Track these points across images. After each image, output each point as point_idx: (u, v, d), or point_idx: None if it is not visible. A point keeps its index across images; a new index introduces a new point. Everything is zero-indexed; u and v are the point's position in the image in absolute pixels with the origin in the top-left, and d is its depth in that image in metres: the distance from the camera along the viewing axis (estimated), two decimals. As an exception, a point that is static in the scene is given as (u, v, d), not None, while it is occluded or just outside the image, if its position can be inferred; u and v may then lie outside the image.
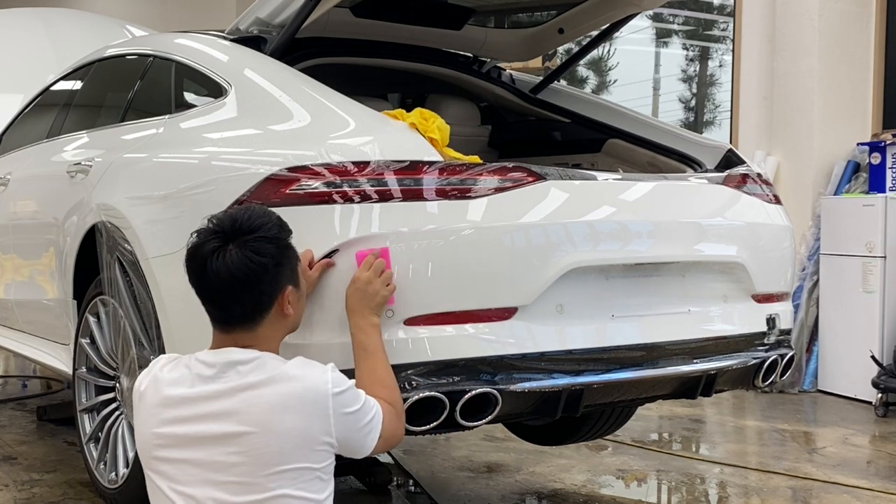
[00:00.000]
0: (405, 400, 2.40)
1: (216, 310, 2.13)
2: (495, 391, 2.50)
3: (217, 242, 2.10)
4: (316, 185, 2.50)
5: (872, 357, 5.71)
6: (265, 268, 2.10)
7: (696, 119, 9.57)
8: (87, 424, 3.43)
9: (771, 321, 3.10)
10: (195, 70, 3.30)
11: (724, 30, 9.05)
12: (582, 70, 10.14)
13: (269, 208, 2.24)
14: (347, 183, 2.49)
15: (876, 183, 6.15)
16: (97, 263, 3.24)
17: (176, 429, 2.07)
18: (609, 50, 9.96)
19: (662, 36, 10.01)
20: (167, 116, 3.32)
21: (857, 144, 6.41)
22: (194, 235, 2.16)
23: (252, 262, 2.08)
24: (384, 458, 4.21)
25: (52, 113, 4.54)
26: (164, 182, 2.99)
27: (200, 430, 2.05)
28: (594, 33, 4.03)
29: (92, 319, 3.36)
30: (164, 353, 2.75)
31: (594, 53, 9.06)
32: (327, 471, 2.11)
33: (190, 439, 2.05)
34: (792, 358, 3.17)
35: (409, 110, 2.78)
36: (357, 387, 2.23)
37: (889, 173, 6.10)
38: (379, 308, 2.39)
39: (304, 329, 2.40)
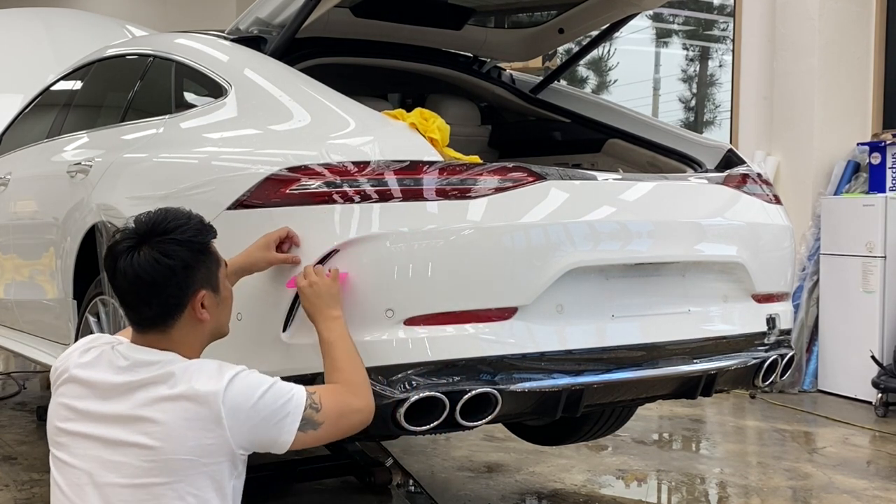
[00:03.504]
0: (405, 400, 2.40)
1: (128, 310, 2.09)
2: (495, 391, 2.50)
3: (131, 242, 2.06)
4: (316, 185, 2.50)
5: (872, 357, 5.71)
6: (172, 270, 2.04)
7: (696, 119, 9.57)
8: (87, 424, 3.42)
9: (771, 321, 3.10)
10: (195, 70, 3.30)
11: (724, 30, 9.05)
12: (582, 70, 10.13)
13: (194, 211, 2.18)
14: (347, 183, 2.49)
15: (876, 183, 6.15)
16: (97, 263, 3.24)
17: (78, 403, 2.05)
18: (609, 50, 9.96)
19: (662, 36, 10.01)
20: (167, 116, 3.32)
21: (857, 144, 6.41)
22: (116, 234, 2.14)
23: (158, 265, 2.03)
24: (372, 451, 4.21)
25: (52, 113, 4.54)
26: (164, 182, 2.99)
27: (105, 411, 2.02)
28: (594, 33, 4.03)
29: (92, 319, 3.36)
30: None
31: (594, 53, 9.05)
32: (224, 474, 2.03)
33: (93, 417, 2.03)
34: (792, 358, 3.17)
35: (409, 110, 2.78)
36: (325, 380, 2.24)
37: (889, 173, 6.10)
38: (333, 300, 2.37)
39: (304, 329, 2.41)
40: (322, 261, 2.46)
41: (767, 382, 3.11)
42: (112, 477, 1.98)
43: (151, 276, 2.04)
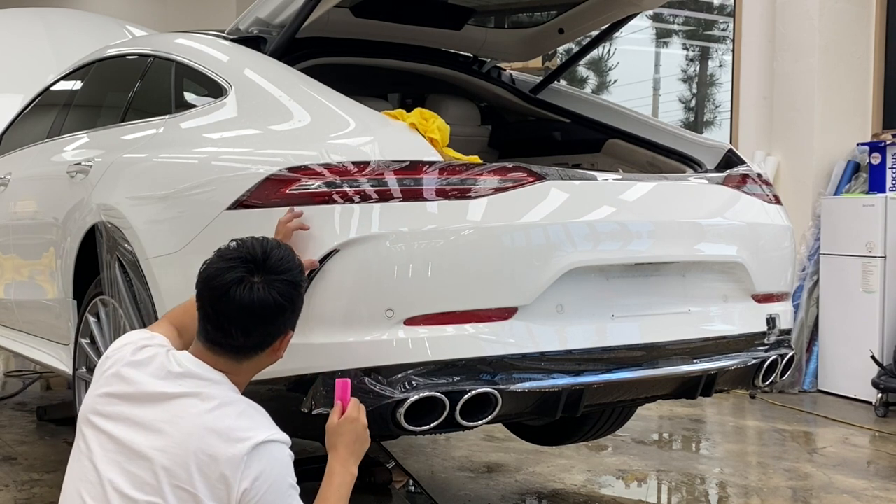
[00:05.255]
0: (405, 400, 2.41)
1: (219, 334, 2.08)
2: (495, 391, 2.50)
3: (244, 272, 2.06)
4: (316, 185, 2.50)
5: (872, 357, 5.71)
6: (284, 310, 2.09)
7: (696, 119, 9.57)
8: (87, 424, 3.42)
9: (771, 321, 3.10)
10: (195, 70, 3.30)
11: (724, 30, 9.05)
12: (582, 70, 10.13)
13: (293, 250, 2.22)
14: (347, 183, 2.49)
15: (876, 183, 6.15)
16: (97, 263, 3.24)
17: (116, 402, 2.04)
18: (609, 50, 9.96)
19: (662, 36, 10.01)
20: (167, 116, 3.32)
21: (857, 144, 6.41)
22: (216, 254, 2.13)
23: (275, 304, 2.06)
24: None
25: (52, 113, 4.54)
26: (164, 182, 2.99)
27: (138, 416, 2.01)
28: (594, 33, 4.03)
29: (92, 319, 3.35)
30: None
31: (594, 53, 9.06)
32: None
33: (123, 419, 2.02)
34: (792, 358, 3.17)
35: (409, 110, 2.78)
36: None
37: (889, 173, 6.10)
38: (362, 451, 2.25)
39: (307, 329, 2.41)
40: (322, 261, 2.46)
41: (767, 382, 3.11)
42: (122, 484, 1.97)
43: (265, 311, 2.06)
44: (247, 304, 2.04)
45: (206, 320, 2.10)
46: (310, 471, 2.21)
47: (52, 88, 4.70)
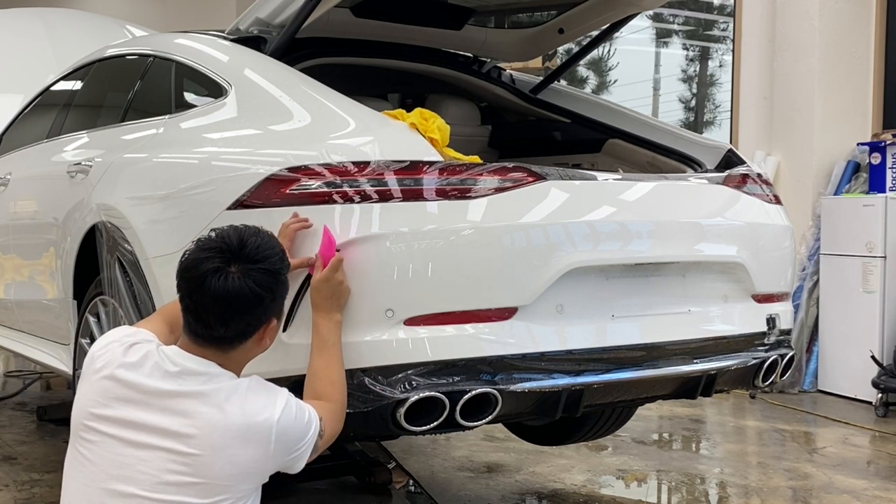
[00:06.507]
0: (405, 400, 2.41)
1: (199, 325, 2.09)
2: (495, 391, 2.50)
3: (220, 262, 2.06)
4: (316, 185, 2.50)
5: (872, 357, 5.71)
6: (261, 300, 2.08)
7: (696, 119, 9.57)
8: (87, 424, 3.42)
9: (771, 321, 3.10)
10: (195, 70, 3.30)
11: (724, 30, 9.05)
12: (582, 70, 10.14)
13: (274, 235, 2.25)
14: (347, 183, 2.49)
15: (876, 183, 6.15)
16: (97, 263, 3.24)
17: (115, 405, 2.04)
18: (609, 50, 9.96)
19: (662, 36, 10.01)
20: (167, 116, 3.32)
21: (857, 144, 6.41)
22: (195, 244, 2.12)
23: (251, 293, 2.06)
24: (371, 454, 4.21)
25: (52, 113, 4.54)
26: (164, 182, 2.99)
27: (144, 419, 2.01)
28: (594, 33, 4.03)
29: (92, 319, 3.36)
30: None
31: (594, 53, 9.06)
32: (250, 495, 2.08)
33: (128, 423, 2.02)
34: (792, 358, 3.17)
35: (409, 110, 2.78)
36: (308, 379, 2.29)
37: (889, 173, 6.10)
38: (343, 306, 2.41)
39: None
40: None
41: (767, 382, 3.11)
42: (135, 488, 1.97)
43: (241, 302, 2.06)
44: (222, 295, 2.04)
45: (186, 311, 2.11)
46: (309, 471, 2.22)
47: (52, 88, 4.70)
